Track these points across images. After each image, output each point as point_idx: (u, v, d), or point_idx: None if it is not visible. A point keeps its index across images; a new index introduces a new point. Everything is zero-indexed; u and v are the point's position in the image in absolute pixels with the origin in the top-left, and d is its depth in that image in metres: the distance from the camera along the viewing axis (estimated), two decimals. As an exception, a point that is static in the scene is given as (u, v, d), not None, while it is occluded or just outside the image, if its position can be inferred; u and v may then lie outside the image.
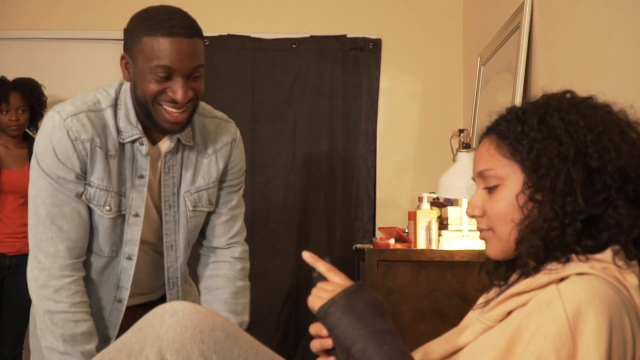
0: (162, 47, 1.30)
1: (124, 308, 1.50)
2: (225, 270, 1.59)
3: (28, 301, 1.48)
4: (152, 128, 1.43)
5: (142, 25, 1.33)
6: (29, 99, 2.92)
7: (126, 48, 1.39)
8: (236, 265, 1.60)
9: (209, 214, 1.61)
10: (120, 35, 3.22)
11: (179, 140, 1.48)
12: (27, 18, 3.30)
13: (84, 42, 3.29)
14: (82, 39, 3.29)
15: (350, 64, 3.29)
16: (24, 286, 1.50)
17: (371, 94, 3.29)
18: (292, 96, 3.28)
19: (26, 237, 2.81)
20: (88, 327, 1.40)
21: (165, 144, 1.47)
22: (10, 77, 2.94)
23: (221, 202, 1.60)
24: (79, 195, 1.40)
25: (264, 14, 3.33)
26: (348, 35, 3.29)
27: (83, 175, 1.40)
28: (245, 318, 1.59)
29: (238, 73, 3.23)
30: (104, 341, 1.49)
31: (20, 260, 2.74)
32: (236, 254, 1.62)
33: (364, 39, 3.29)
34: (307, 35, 3.29)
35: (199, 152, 1.53)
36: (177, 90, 1.33)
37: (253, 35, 3.27)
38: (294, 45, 3.29)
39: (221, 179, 1.59)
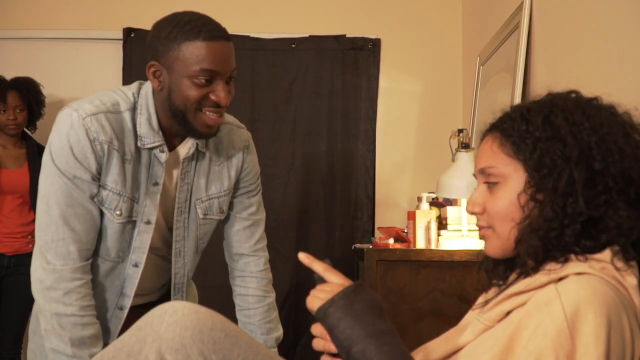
0: (205, 52, 1.31)
1: (124, 316, 1.48)
2: (254, 287, 1.63)
3: (26, 301, 1.48)
4: (187, 134, 1.42)
5: (178, 31, 1.31)
6: (27, 98, 2.92)
7: (155, 56, 1.35)
8: (263, 280, 1.64)
9: (224, 221, 1.61)
10: (120, 35, 3.23)
11: (196, 146, 1.47)
12: (25, 18, 3.30)
13: (83, 41, 3.29)
14: (81, 38, 3.29)
15: (350, 63, 3.29)
16: (22, 286, 1.49)
17: (370, 93, 3.29)
18: (292, 96, 3.28)
19: (25, 237, 2.86)
20: (95, 330, 1.39)
21: (183, 150, 1.46)
22: (9, 76, 2.93)
23: (241, 207, 1.61)
24: (93, 197, 1.38)
25: (263, 14, 3.33)
26: (347, 35, 3.29)
27: (98, 177, 1.38)
28: (279, 332, 1.64)
29: (237, 73, 3.22)
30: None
31: (18, 260, 2.74)
32: (261, 265, 1.64)
33: (363, 38, 3.30)
34: (307, 35, 3.29)
35: (211, 159, 1.52)
36: (220, 93, 1.34)
37: (252, 35, 3.27)
38: (293, 45, 3.29)
39: (237, 186, 1.59)
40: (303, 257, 1.03)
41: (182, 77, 1.33)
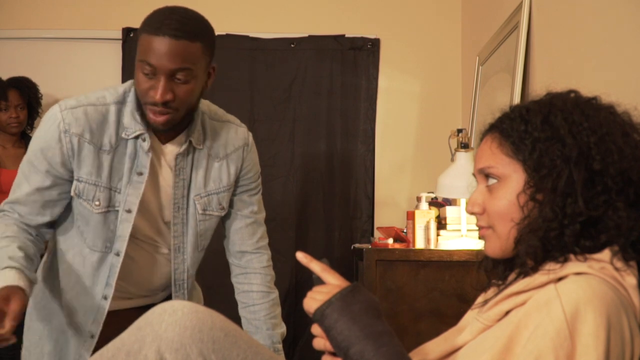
0: (147, 44, 1.34)
1: (107, 305, 1.49)
2: (258, 283, 1.63)
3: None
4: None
5: (144, 23, 1.37)
6: (27, 96, 2.93)
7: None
8: (267, 276, 1.65)
9: (225, 219, 1.63)
10: (119, 35, 3.23)
11: (190, 143, 1.49)
12: (25, 18, 3.30)
13: (82, 41, 3.29)
14: (80, 38, 3.29)
15: (349, 63, 3.29)
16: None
17: (370, 93, 3.29)
18: (291, 96, 3.28)
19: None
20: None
21: (176, 145, 1.48)
22: (7, 76, 2.94)
23: (242, 205, 1.62)
24: (40, 189, 1.44)
25: (262, 14, 3.33)
26: (346, 35, 3.29)
27: (56, 171, 1.43)
28: (283, 328, 1.65)
29: (236, 73, 3.23)
30: (89, 338, 1.49)
31: (18, 260, 2.74)
32: (264, 262, 1.66)
33: (362, 38, 3.30)
34: (306, 35, 3.29)
35: (209, 155, 1.54)
36: (157, 89, 1.35)
37: (251, 35, 3.28)
38: (292, 45, 3.29)
39: (238, 184, 1.60)
40: (301, 256, 1.03)
41: (136, 66, 1.37)
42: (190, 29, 1.35)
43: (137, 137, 1.44)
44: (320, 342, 0.98)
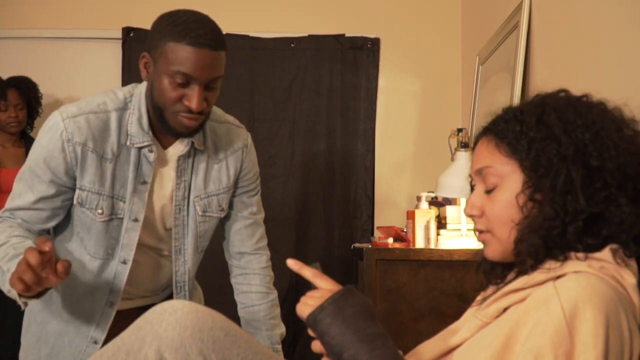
0: (186, 55, 1.31)
1: (114, 312, 1.49)
2: (257, 284, 1.64)
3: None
4: (165, 131, 1.43)
5: (169, 29, 1.33)
6: (27, 95, 2.94)
7: (148, 48, 1.39)
8: (266, 277, 1.65)
9: (225, 220, 1.62)
10: (119, 35, 3.23)
11: (192, 144, 1.48)
12: (24, 17, 3.30)
13: (82, 41, 3.29)
14: (80, 38, 3.29)
15: (349, 63, 3.29)
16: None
17: (370, 93, 3.29)
18: (291, 95, 3.28)
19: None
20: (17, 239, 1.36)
21: (177, 149, 1.48)
22: (7, 76, 2.94)
23: (242, 207, 1.62)
24: (45, 198, 1.41)
25: (262, 13, 3.33)
26: (346, 35, 3.29)
27: (60, 180, 1.40)
28: (283, 329, 1.66)
29: (236, 72, 3.23)
30: (92, 343, 1.49)
31: (18, 260, 2.74)
32: (263, 262, 1.66)
33: (362, 38, 3.30)
34: (306, 34, 3.29)
35: (209, 157, 1.53)
36: (193, 98, 1.34)
37: (251, 34, 3.27)
38: (292, 45, 3.29)
39: (237, 185, 1.60)
40: (292, 263, 1.03)
41: (162, 73, 1.34)
42: (221, 38, 1.37)
43: (142, 147, 1.43)
44: (318, 344, 0.98)
